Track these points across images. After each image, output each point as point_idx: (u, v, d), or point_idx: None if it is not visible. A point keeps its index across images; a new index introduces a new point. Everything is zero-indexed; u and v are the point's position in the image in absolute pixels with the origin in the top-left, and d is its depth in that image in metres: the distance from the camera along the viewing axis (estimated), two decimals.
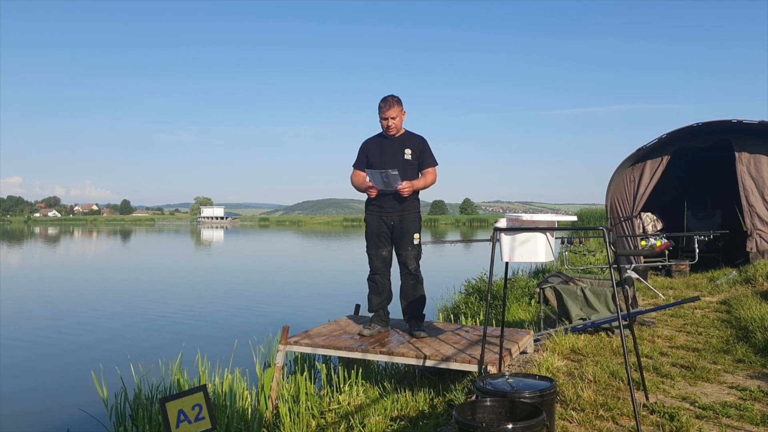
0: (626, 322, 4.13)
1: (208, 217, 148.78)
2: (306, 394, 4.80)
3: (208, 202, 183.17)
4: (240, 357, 6.24)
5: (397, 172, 4.58)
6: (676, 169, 11.89)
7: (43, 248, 35.89)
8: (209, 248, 36.71)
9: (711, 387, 3.89)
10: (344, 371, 5.09)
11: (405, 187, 4.66)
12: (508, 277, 3.97)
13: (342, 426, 4.10)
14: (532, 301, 8.30)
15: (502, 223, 3.52)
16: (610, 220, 11.03)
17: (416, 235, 4.84)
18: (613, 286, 3.28)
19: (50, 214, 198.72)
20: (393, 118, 4.73)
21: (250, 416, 4.56)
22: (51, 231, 74.40)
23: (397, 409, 4.14)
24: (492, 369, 3.87)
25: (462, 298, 9.87)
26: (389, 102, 4.73)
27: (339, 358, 5.34)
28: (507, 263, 3.63)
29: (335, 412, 4.42)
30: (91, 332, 9.46)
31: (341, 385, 4.95)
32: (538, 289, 6.14)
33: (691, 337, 5.42)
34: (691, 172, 12.90)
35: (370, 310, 5.07)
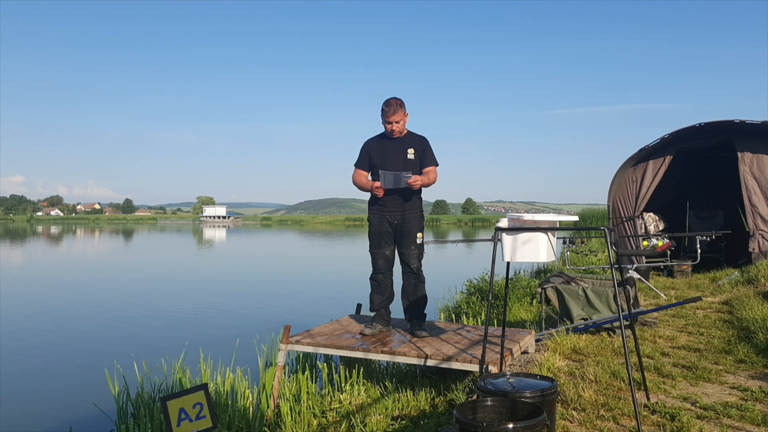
0: (628, 323, 4.14)
1: (210, 217, 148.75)
2: (307, 393, 4.81)
3: (210, 202, 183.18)
4: (242, 356, 6.25)
5: (411, 175, 4.61)
6: (679, 170, 11.88)
7: (47, 247, 35.97)
8: (212, 247, 36.75)
9: (712, 387, 3.88)
10: (345, 370, 5.10)
11: (416, 179, 4.67)
12: (509, 277, 3.97)
13: (343, 425, 4.11)
14: (534, 301, 8.30)
15: (503, 222, 3.52)
16: (612, 220, 11.02)
17: (419, 234, 4.85)
18: (614, 287, 3.28)
19: (53, 213, 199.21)
20: (397, 122, 4.74)
21: (251, 415, 4.58)
22: (54, 230, 74.53)
23: (399, 409, 4.14)
24: (493, 369, 3.87)
25: (463, 297, 9.86)
26: (393, 106, 4.72)
27: (340, 357, 5.35)
28: (508, 263, 3.63)
29: (336, 412, 4.43)
30: (94, 331, 9.48)
31: (342, 385, 4.95)
32: (539, 289, 6.14)
33: (692, 338, 5.42)
34: (693, 173, 12.88)
35: (371, 310, 5.08)
